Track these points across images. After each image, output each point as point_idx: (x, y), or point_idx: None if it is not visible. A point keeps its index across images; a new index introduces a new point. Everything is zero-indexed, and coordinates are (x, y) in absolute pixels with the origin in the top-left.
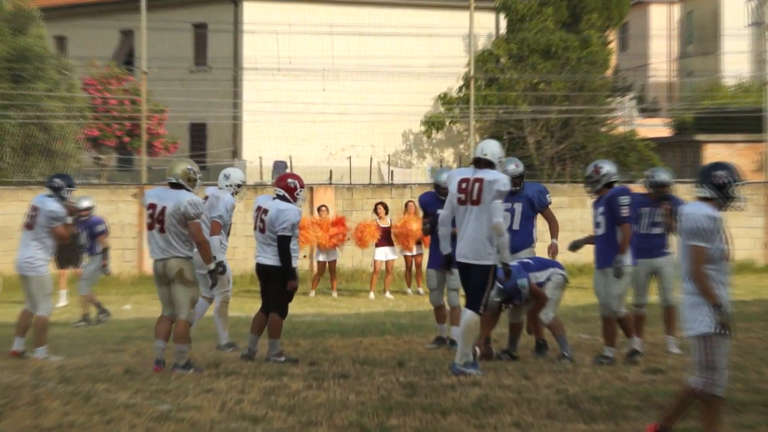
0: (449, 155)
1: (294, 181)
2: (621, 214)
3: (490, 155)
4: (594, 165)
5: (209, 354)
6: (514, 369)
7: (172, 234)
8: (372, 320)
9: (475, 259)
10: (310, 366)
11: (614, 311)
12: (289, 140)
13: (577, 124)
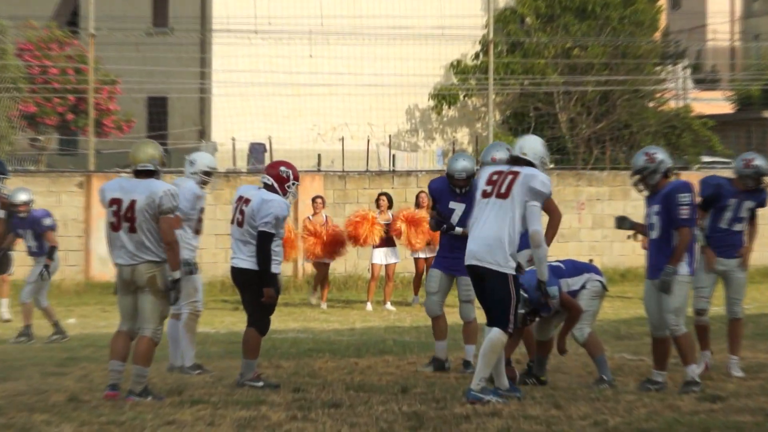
0: (463, 136)
1: (288, 170)
2: (679, 216)
3: (530, 155)
4: (644, 152)
5: (171, 379)
6: (542, 396)
7: (145, 233)
8: (369, 337)
9: (492, 263)
10: (294, 393)
11: (672, 328)
12: (269, 118)
13: (619, 98)
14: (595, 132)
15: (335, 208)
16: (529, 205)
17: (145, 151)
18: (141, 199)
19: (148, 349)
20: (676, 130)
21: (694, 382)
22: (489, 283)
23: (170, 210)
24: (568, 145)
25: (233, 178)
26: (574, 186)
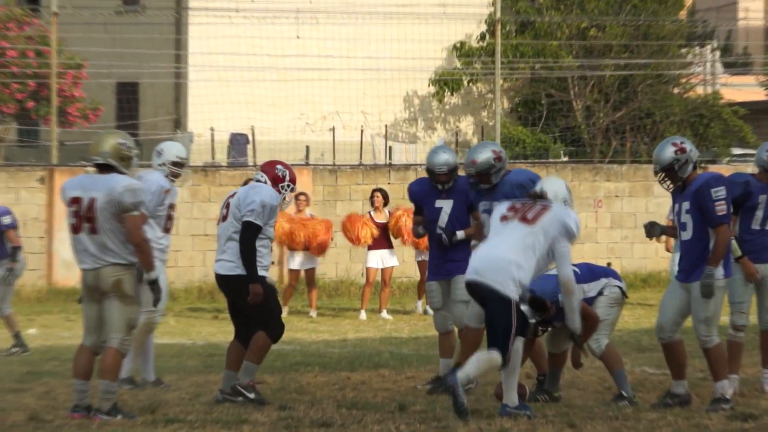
0: (467, 126)
1: (284, 170)
2: (716, 213)
3: (551, 196)
4: (670, 143)
5: (143, 395)
6: (555, 414)
7: (107, 234)
8: (363, 349)
9: (495, 282)
10: (280, 410)
11: (702, 339)
12: (252, 106)
13: (641, 83)
14: (613, 121)
15: (325, 206)
16: (559, 246)
17: (100, 142)
18: (100, 196)
19: (114, 361)
20: (703, 119)
21: (724, 398)
22: (489, 306)
23: (132, 207)
24: (584, 136)
25: (212, 172)
26: (591, 181)
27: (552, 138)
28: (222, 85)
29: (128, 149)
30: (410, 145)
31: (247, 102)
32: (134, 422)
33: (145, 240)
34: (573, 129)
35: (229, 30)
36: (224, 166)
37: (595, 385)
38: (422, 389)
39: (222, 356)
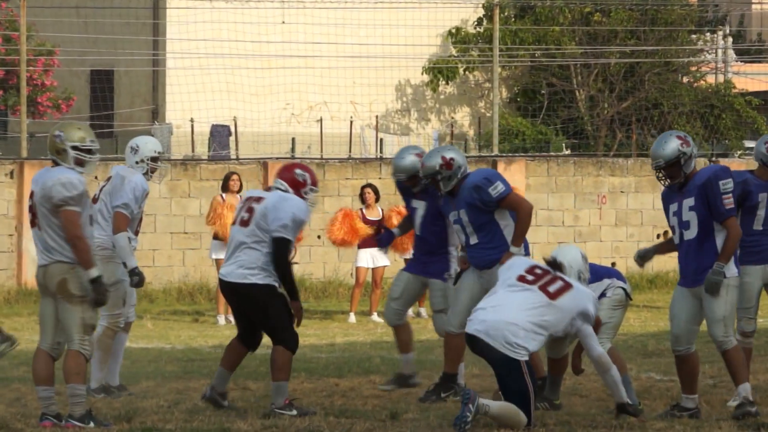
0: (463, 117)
1: (304, 173)
2: (724, 206)
3: (566, 267)
4: (674, 136)
5: (118, 403)
6: (556, 423)
7: (46, 230)
8: (353, 354)
9: (502, 344)
10: (264, 419)
11: (720, 340)
12: (234, 95)
13: (648, 72)
14: (619, 112)
15: None
16: (582, 328)
17: (49, 137)
18: (38, 190)
19: (77, 363)
20: (714, 110)
21: (748, 401)
22: (498, 369)
23: (63, 202)
24: (588, 128)
25: (191, 166)
26: (595, 176)
27: (553, 130)
28: (202, 73)
29: (61, 141)
30: (402, 137)
31: (229, 91)
32: (109, 430)
33: (79, 236)
34: (576, 120)
35: (210, 15)
36: (205, 160)
37: (599, 392)
38: (384, 389)
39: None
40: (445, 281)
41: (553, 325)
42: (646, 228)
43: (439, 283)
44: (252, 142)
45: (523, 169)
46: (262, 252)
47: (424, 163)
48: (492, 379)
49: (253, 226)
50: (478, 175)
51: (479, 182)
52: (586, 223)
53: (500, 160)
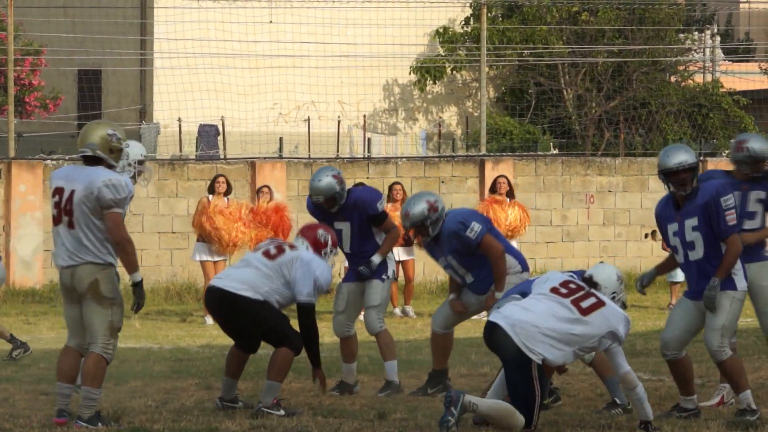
0: (451, 116)
1: (326, 234)
2: (727, 224)
3: (601, 286)
4: (683, 150)
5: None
6: (544, 423)
7: (83, 230)
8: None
9: (521, 340)
10: (252, 419)
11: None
12: (222, 95)
13: (636, 71)
14: (606, 111)
15: (300, 201)
16: (611, 349)
17: (88, 132)
18: (79, 189)
19: (96, 367)
20: (702, 110)
21: (750, 409)
22: (509, 367)
23: (112, 204)
24: (576, 127)
25: (179, 166)
26: (583, 175)
27: (541, 129)
28: (190, 73)
29: (118, 141)
30: (390, 136)
31: (216, 91)
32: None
33: (128, 239)
34: (563, 120)
35: (198, 14)
36: (192, 160)
37: (587, 391)
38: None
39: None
40: (383, 281)
41: (581, 341)
42: (634, 227)
43: (378, 282)
44: (240, 141)
45: (510, 168)
46: (268, 282)
47: (409, 212)
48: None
49: (275, 263)
50: (453, 222)
51: (456, 229)
52: (574, 222)
53: (488, 160)
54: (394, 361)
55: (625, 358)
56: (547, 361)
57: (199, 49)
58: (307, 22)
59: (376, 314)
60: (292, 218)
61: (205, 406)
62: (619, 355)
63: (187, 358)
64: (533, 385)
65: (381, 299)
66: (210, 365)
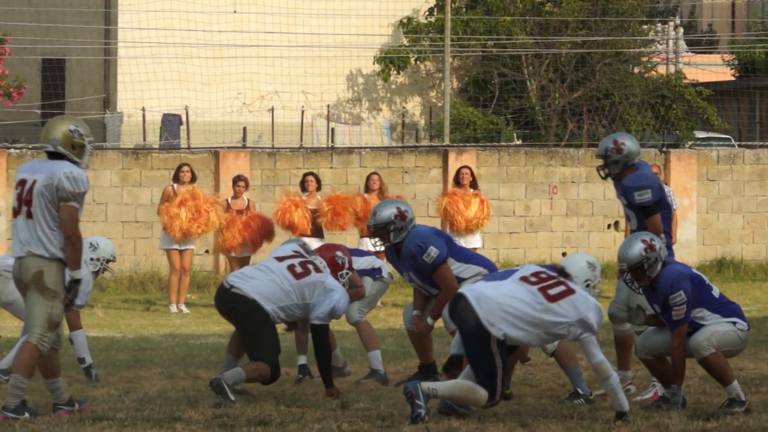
0: (415, 106)
1: (344, 257)
2: (672, 319)
3: (573, 275)
4: (639, 239)
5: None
6: (506, 413)
7: (39, 220)
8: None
9: (483, 314)
10: (215, 408)
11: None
12: (185, 85)
13: (599, 62)
14: (570, 102)
15: (263, 191)
16: (582, 338)
17: (51, 128)
18: (41, 179)
19: (30, 357)
20: (665, 101)
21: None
22: (469, 341)
23: (69, 196)
24: (539, 118)
25: (143, 155)
26: (546, 166)
27: (504, 120)
28: (154, 62)
29: (80, 137)
30: (354, 126)
31: (180, 80)
32: (60, 420)
33: (78, 236)
34: (527, 110)
35: (162, 4)
36: (156, 149)
37: (549, 382)
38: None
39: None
40: (374, 280)
41: (547, 326)
42: (597, 218)
43: (369, 280)
44: (203, 131)
45: (474, 159)
46: (284, 299)
47: (376, 212)
48: None
49: (299, 282)
50: (412, 242)
51: (413, 250)
52: (537, 213)
53: (451, 150)
54: (377, 350)
55: (599, 347)
56: (509, 339)
57: (163, 39)
58: (271, 12)
59: (359, 306)
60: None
61: (168, 395)
62: (592, 344)
63: (150, 347)
64: (494, 358)
65: (367, 294)
66: (173, 354)
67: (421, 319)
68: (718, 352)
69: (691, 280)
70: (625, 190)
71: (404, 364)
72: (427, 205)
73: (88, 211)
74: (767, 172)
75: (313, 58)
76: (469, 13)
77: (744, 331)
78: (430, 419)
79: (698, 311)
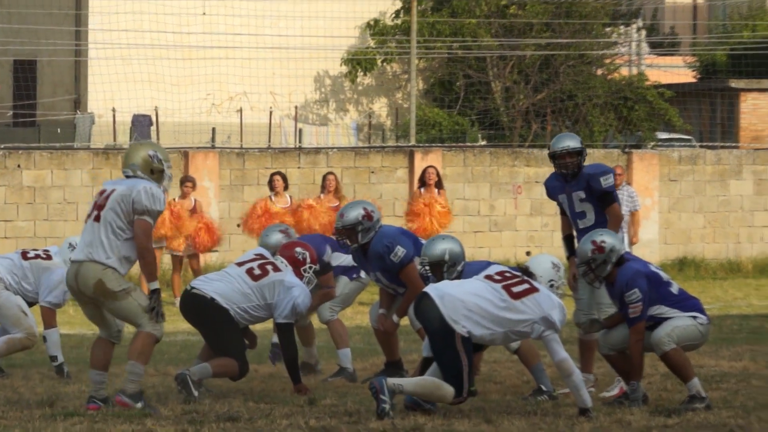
0: (381, 107)
1: (304, 252)
2: (629, 317)
3: (536, 274)
4: (590, 240)
5: (41, 388)
6: (471, 409)
7: (106, 225)
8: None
9: (447, 312)
10: (185, 404)
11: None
12: (155, 86)
13: (563, 64)
14: (534, 103)
15: (232, 191)
16: (545, 335)
17: (131, 154)
18: (120, 189)
19: (144, 344)
20: (628, 102)
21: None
22: (434, 339)
23: (144, 211)
24: (503, 119)
25: (113, 155)
26: (510, 166)
27: (470, 121)
28: (124, 63)
29: (159, 162)
30: (321, 127)
31: (150, 81)
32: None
33: (150, 249)
34: (491, 111)
35: (132, 5)
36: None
37: (513, 379)
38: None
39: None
40: (350, 280)
41: (511, 324)
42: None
43: (345, 279)
44: (173, 131)
45: (439, 159)
46: (245, 300)
47: (344, 214)
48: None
49: (257, 284)
50: (379, 242)
51: (381, 250)
52: (502, 212)
53: (417, 151)
54: (347, 348)
55: (561, 345)
56: (474, 338)
57: (133, 40)
58: (240, 14)
59: (330, 305)
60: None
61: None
62: (555, 342)
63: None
64: (459, 355)
65: (340, 293)
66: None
67: (387, 317)
68: (678, 347)
69: (647, 277)
70: (589, 178)
71: (371, 361)
72: (393, 204)
73: (60, 209)
74: (728, 173)
75: (281, 59)
76: (435, 16)
77: (704, 325)
78: (397, 415)
79: (657, 308)
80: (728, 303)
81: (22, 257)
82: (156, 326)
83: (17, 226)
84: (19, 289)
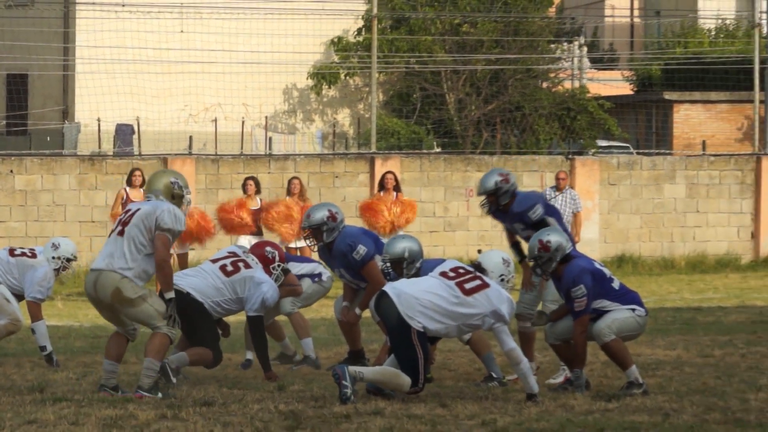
0: (344, 117)
1: (273, 251)
2: (574, 310)
3: (488, 270)
4: (537, 239)
5: (31, 375)
6: (427, 394)
7: (129, 239)
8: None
9: (403, 309)
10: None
11: (601, 331)
12: (137, 97)
13: (511, 78)
14: (485, 114)
15: (207, 194)
16: (495, 327)
17: (154, 181)
18: (146, 208)
19: (160, 343)
20: (571, 112)
21: (637, 383)
22: (392, 334)
23: (166, 229)
24: (457, 128)
25: (98, 161)
26: (463, 171)
27: (425, 130)
28: (109, 77)
29: (179, 188)
30: (289, 135)
31: (132, 93)
32: (23, 401)
33: (166, 260)
34: (446, 121)
35: (116, 24)
36: (110, 156)
37: (466, 366)
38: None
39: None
40: (313, 282)
41: (464, 318)
42: None
43: (308, 281)
44: (153, 140)
45: (398, 165)
46: (217, 294)
47: (310, 215)
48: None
49: (229, 279)
50: (343, 241)
51: (344, 249)
52: (455, 214)
53: (377, 157)
54: (309, 338)
55: (510, 336)
56: (429, 331)
57: (117, 56)
58: (215, 32)
59: (292, 300)
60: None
61: (121, 379)
62: (504, 333)
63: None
64: (415, 349)
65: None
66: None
67: (350, 310)
68: (618, 338)
69: (592, 274)
70: (519, 216)
71: (335, 351)
72: (355, 207)
73: (49, 211)
74: (662, 177)
75: (252, 73)
76: (394, 33)
77: (642, 317)
78: (359, 400)
79: (600, 302)
80: (663, 297)
81: (9, 254)
82: (171, 330)
83: (10, 227)
84: (5, 281)
